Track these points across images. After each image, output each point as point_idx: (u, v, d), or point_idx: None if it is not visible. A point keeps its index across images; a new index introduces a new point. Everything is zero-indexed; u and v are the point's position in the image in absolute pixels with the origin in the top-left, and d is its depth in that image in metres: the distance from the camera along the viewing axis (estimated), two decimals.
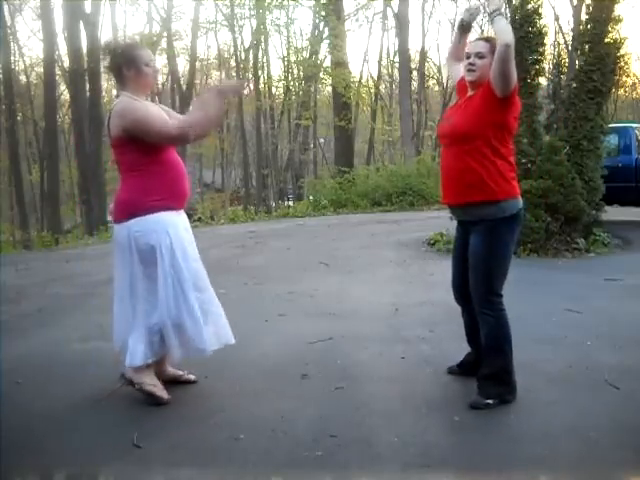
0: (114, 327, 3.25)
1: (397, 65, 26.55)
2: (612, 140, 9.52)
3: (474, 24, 3.40)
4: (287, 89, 25.77)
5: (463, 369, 3.41)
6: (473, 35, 3.47)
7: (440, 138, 3.36)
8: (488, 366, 3.08)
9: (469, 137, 3.02)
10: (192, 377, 3.43)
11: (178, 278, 3.07)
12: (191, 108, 3.15)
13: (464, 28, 3.39)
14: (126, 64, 3.11)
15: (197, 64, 26.68)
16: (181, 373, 3.42)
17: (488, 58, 3.01)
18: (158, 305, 3.06)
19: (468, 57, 3.09)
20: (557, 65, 8.59)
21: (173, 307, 3.06)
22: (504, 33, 2.92)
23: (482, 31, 27.37)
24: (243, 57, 24.68)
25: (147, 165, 3.08)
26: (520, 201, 3.12)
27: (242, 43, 24.43)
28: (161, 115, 3.13)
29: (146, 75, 3.16)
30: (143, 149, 3.06)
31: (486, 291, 3.06)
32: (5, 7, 20.77)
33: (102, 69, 18.61)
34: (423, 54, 28.80)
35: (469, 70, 3.07)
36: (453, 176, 3.12)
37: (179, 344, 3.10)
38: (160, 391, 3.14)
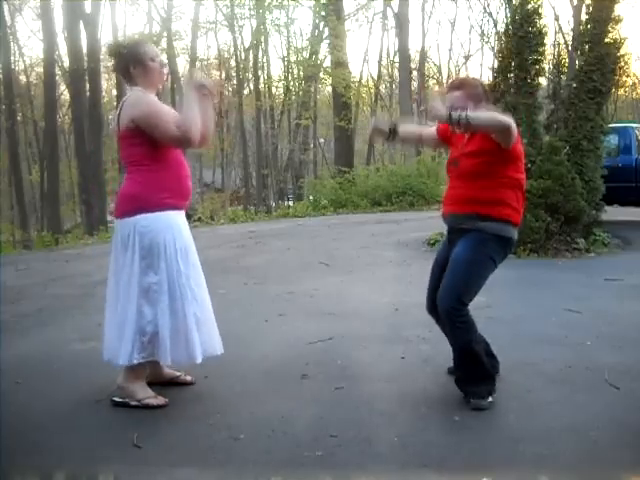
0: (105, 335, 3.17)
1: (397, 65, 26.56)
2: (612, 140, 9.52)
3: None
4: (287, 89, 25.78)
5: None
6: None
7: (449, 171, 3.26)
8: (464, 370, 3.08)
9: (482, 173, 3.01)
10: (189, 378, 3.40)
11: (178, 282, 3.04)
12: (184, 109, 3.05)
13: (394, 132, 3.26)
14: (133, 62, 3.11)
15: (197, 64, 26.66)
16: (178, 374, 3.40)
17: (469, 105, 2.94)
18: (153, 306, 3.01)
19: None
20: (557, 65, 8.59)
21: (168, 310, 3.02)
22: (495, 119, 2.88)
23: (482, 31, 27.38)
24: (243, 57, 24.69)
25: (157, 161, 3.05)
26: (516, 233, 3.13)
27: (242, 43, 24.49)
28: (172, 113, 3.09)
29: (153, 70, 3.14)
30: (152, 143, 3.02)
31: (457, 297, 2.99)
32: (5, 7, 20.78)
33: (102, 69, 18.71)
34: (423, 54, 28.81)
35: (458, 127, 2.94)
36: (465, 192, 3.07)
37: (170, 349, 3.02)
38: (156, 400, 3.10)
